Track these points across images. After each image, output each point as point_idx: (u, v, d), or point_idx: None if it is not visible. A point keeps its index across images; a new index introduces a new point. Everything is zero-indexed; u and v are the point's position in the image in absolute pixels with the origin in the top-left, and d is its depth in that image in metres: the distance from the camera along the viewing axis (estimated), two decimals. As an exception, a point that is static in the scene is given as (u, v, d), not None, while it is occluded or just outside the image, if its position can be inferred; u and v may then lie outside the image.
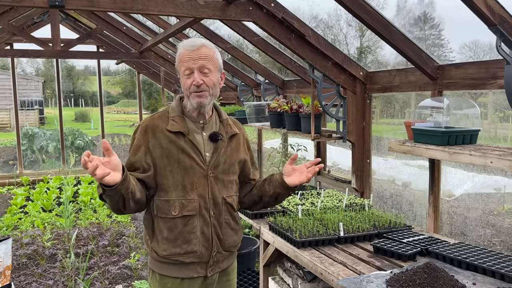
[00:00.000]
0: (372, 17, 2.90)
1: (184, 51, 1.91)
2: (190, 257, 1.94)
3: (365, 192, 3.83)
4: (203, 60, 1.89)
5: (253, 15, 3.39)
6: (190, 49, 1.89)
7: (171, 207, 1.90)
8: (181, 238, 1.92)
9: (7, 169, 11.40)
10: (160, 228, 1.94)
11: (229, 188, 2.04)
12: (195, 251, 1.94)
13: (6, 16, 6.59)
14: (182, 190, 1.91)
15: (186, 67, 1.89)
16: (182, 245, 1.92)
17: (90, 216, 6.51)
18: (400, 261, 2.34)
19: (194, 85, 1.88)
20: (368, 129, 3.78)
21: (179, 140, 1.91)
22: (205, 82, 1.89)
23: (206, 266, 1.99)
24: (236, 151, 2.08)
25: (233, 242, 2.09)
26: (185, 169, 1.91)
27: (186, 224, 1.91)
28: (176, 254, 1.93)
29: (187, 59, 1.89)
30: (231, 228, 2.06)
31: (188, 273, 1.97)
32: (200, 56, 1.89)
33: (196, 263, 1.97)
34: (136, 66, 10.02)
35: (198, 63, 1.88)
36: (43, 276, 4.42)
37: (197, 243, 1.94)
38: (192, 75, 1.89)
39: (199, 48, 1.89)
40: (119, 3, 3.05)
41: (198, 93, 1.89)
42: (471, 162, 2.41)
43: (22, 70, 30.07)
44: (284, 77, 5.61)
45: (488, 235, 4.62)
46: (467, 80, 2.83)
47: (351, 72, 3.68)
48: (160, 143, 1.91)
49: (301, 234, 2.66)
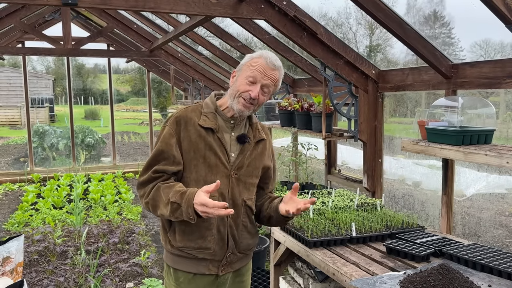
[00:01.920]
0: (386, 14, 2.87)
1: (264, 61, 1.92)
2: (203, 253, 1.95)
3: (376, 191, 3.80)
4: (271, 81, 1.94)
5: (264, 13, 3.37)
6: (269, 65, 1.93)
7: None
8: (197, 233, 1.93)
9: (18, 166, 11.52)
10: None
11: (250, 191, 2.05)
12: (209, 248, 1.94)
13: (18, 14, 6.64)
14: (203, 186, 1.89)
15: (254, 75, 1.91)
16: (197, 240, 1.93)
17: (100, 214, 6.55)
18: (413, 262, 2.31)
19: (249, 94, 1.90)
20: (380, 128, 3.75)
21: (208, 136, 1.93)
22: (259, 99, 1.93)
23: (218, 265, 2.00)
24: (261, 156, 2.08)
25: (248, 245, 2.09)
26: (209, 165, 1.92)
27: (203, 220, 1.90)
28: (190, 247, 1.94)
29: (260, 69, 1.91)
30: (247, 231, 2.06)
31: (200, 269, 1.98)
32: (271, 77, 1.93)
33: (209, 260, 1.98)
34: (146, 64, 10.06)
35: (266, 81, 1.92)
36: (54, 272, 4.46)
37: (212, 240, 1.94)
38: (254, 86, 1.91)
39: (275, 70, 1.95)
40: (131, 1, 3.05)
41: (247, 103, 1.92)
42: (486, 162, 2.37)
43: (32, 68, 30.35)
44: (294, 76, 5.59)
45: (502, 236, 4.57)
46: (482, 79, 2.79)
47: (363, 71, 3.65)
48: (190, 136, 1.93)
49: (312, 233, 2.65)
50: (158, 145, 1.94)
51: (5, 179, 9.12)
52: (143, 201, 1.94)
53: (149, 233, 5.75)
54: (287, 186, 4.22)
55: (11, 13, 6.45)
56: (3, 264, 3.07)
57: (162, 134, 1.95)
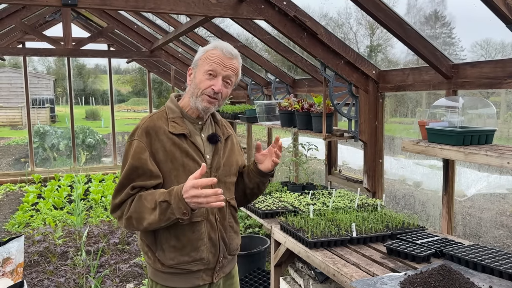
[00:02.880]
0: (386, 14, 2.87)
1: (220, 52, 1.85)
2: (197, 264, 1.87)
3: (377, 192, 3.80)
4: (231, 71, 1.87)
5: (265, 13, 3.37)
6: (227, 55, 1.85)
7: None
8: (189, 246, 1.85)
9: (18, 166, 11.53)
10: (166, 236, 1.84)
11: (230, 191, 2.01)
12: (203, 258, 1.87)
13: (18, 14, 6.64)
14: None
15: (213, 68, 1.83)
16: (191, 253, 1.85)
17: (101, 214, 6.55)
18: (414, 262, 2.31)
19: (212, 89, 1.83)
20: (380, 128, 3.75)
21: (182, 142, 1.84)
22: (222, 92, 1.86)
23: (212, 273, 1.93)
24: (232, 152, 2.04)
25: (236, 245, 2.05)
26: (190, 172, 1.75)
27: (193, 231, 1.85)
28: (184, 262, 1.85)
29: (218, 61, 1.84)
30: (234, 231, 2.02)
31: (194, 282, 1.90)
32: (231, 67, 1.86)
33: (202, 270, 1.91)
34: (146, 64, 10.06)
35: (226, 72, 1.85)
36: (54, 273, 4.45)
37: (205, 249, 1.88)
38: (215, 79, 1.84)
39: (233, 59, 1.87)
40: (131, 2, 3.05)
41: (212, 99, 1.85)
42: (487, 163, 2.37)
43: (33, 69, 30.40)
44: (294, 76, 5.59)
45: (503, 236, 4.56)
46: (483, 79, 2.79)
47: (363, 71, 3.65)
48: (164, 146, 1.82)
49: (313, 234, 2.64)
50: (129, 162, 1.79)
51: (5, 180, 9.12)
52: (123, 219, 1.79)
53: (150, 233, 5.75)
54: (287, 187, 4.22)
55: (12, 14, 6.46)
56: (3, 265, 3.07)
57: (132, 149, 1.80)
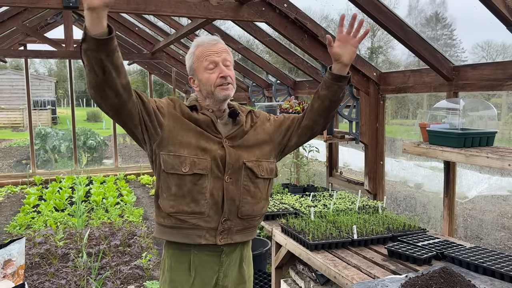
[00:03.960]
0: (387, 17, 2.87)
1: (204, 47, 1.90)
2: (197, 218, 1.86)
3: (378, 194, 3.80)
4: (225, 53, 1.90)
5: (265, 15, 3.37)
6: (211, 43, 1.90)
7: (182, 163, 1.84)
8: (189, 197, 1.86)
9: (20, 168, 11.54)
10: (168, 184, 1.87)
11: (250, 153, 1.96)
12: (203, 212, 1.86)
13: (20, 17, 6.66)
14: (195, 149, 1.86)
15: (210, 61, 1.88)
16: (190, 204, 1.85)
17: (102, 216, 6.55)
18: (415, 265, 2.31)
19: (221, 76, 1.87)
20: (381, 130, 3.75)
21: (193, 114, 1.91)
22: (230, 75, 1.90)
23: (215, 234, 1.90)
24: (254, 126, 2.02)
25: (252, 211, 1.96)
26: (201, 133, 1.88)
27: (195, 183, 1.85)
28: (183, 212, 1.86)
29: (209, 53, 1.88)
30: (250, 196, 1.95)
31: (196, 239, 1.89)
32: (221, 50, 1.90)
33: (205, 229, 1.88)
34: (147, 66, 10.08)
35: (221, 56, 1.89)
36: (55, 275, 4.46)
37: (205, 204, 1.86)
38: (217, 68, 1.88)
39: (217, 43, 1.92)
40: (132, 4, 3.06)
41: (226, 86, 1.89)
42: (488, 165, 2.37)
43: (35, 70, 30.44)
44: (295, 78, 5.59)
45: (504, 238, 4.55)
46: (484, 81, 2.79)
47: (364, 73, 3.65)
48: (177, 111, 1.91)
49: (314, 236, 2.64)
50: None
51: (7, 181, 9.13)
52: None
53: (151, 235, 5.75)
54: (288, 189, 4.22)
55: (13, 16, 6.48)
56: (4, 267, 3.08)
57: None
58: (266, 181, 2.02)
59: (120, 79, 1.60)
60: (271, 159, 2.03)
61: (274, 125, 2.08)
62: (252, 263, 2.18)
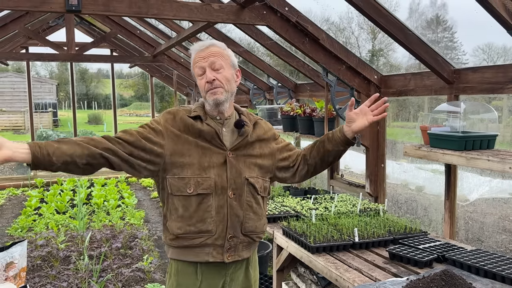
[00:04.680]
0: (388, 20, 2.89)
1: (195, 53, 1.93)
2: (204, 237, 1.89)
3: (379, 197, 3.80)
4: (213, 57, 1.90)
5: (267, 19, 3.39)
6: (200, 49, 1.92)
7: (187, 184, 1.87)
8: (195, 217, 1.88)
9: (21, 171, 11.55)
10: (175, 206, 1.91)
11: (251, 169, 1.97)
12: (210, 231, 1.89)
13: (22, 20, 6.69)
14: (198, 169, 1.88)
15: (199, 67, 1.91)
16: (197, 224, 1.88)
17: (103, 218, 6.56)
18: (416, 267, 2.31)
19: (207, 82, 1.88)
20: (382, 133, 3.75)
21: (196, 124, 1.91)
22: (218, 78, 1.89)
23: (222, 251, 1.92)
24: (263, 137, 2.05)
25: (255, 227, 1.98)
26: (203, 149, 1.89)
27: (201, 203, 1.88)
28: (190, 232, 1.89)
29: (198, 59, 1.91)
30: (253, 212, 1.97)
31: (204, 257, 1.91)
32: (210, 54, 1.90)
33: (212, 246, 1.91)
34: (149, 69, 10.10)
35: (208, 61, 1.89)
36: (57, 278, 4.46)
37: (211, 222, 1.89)
38: (204, 74, 1.90)
39: (208, 47, 1.92)
40: (134, 8, 3.07)
41: (213, 90, 1.89)
42: (489, 168, 2.37)
43: (36, 73, 30.52)
44: (296, 81, 5.61)
45: (505, 241, 4.55)
46: (484, 84, 2.79)
47: (365, 76, 3.66)
48: (178, 126, 1.91)
49: (315, 239, 2.65)
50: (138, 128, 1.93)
51: (8, 184, 9.15)
52: None
53: (152, 238, 5.75)
54: (290, 191, 4.22)
55: (16, 19, 6.51)
56: (6, 269, 3.09)
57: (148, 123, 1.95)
58: (263, 198, 2.05)
59: (78, 168, 1.79)
60: (266, 178, 2.05)
61: (278, 147, 2.10)
62: (257, 267, 2.20)
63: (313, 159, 2.09)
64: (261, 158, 2.02)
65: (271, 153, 2.06)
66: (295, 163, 2.11)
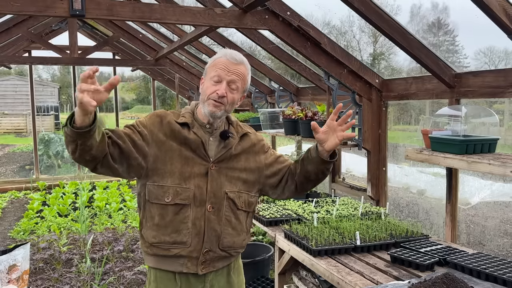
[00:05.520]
0: (389, 25, 2.90)
1: (224, 59, 1.89)
2: (178, 248, 1.86)
3: (381, 200, 3.81)
4: (236, 76, 1.87)
5: (269, 23, 3.41)
6: (231, 60, 1.88)
7: (165, 193, 1.84)
8: (171, 227, 1.85)
9: (23, 174, 11.58)
10: (152, 214, 1.88)
11: (232, 184, 1.92)
12: (185, 242, 1.85)
13: (25, 24, 6.74)
14: (178, 178, 1.85)
15: (218, 74, 1.87)
16: (172, 234, 1.85)
17: (105, 221, 6.58)
18: (418, 271, 2.32)
19: (217, 93, 1.85)
20: (384, 136, 3.77)
21: (183, 131, 1.88)
22: (228, 96, 1.86)
23: (196, 263, 1.89)
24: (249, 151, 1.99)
25: (232, 242, 1.93)
26: (186, 158, 1.85)
27: (177, 213, 1.85)
28: (165, 242, 1.86)
29: (222, 67, 1.87)
30: (231, 227, 1.92)
31: (177, 267, 1.89)
32: (235, 72, 1.87)
33: (186, 257, 1.88)
34: (151, 72, 10.14)
35: (231, 77, 1.86)
36: (59, 280, 4.48)
37: (187, 234, 1.85)
38: (219, 84, 1.86)
39: (238, 64, 1.89)
40: (137, 13, 3.10)
41: (216, 103, 1.86)
42: (490, 172, 2.38)
43: (38, 76, 30.56)
44: (298, 84, 5.63)
45: (507, 245, 4.55)
46: (485, 88, 2.81)
47: (366, 80, 3.68)
48: (165, 131, 1.87)
49: (317, 242, 2.66)
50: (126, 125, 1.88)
51: (10, 187, 9.17)
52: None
53: (154, 241, 5.77)
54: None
55: (19, 23, 6.56)
56: (9, 272, 3.10)
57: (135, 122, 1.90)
58: (246, 213, 1.99)
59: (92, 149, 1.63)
60: (252, 193, 1.99)
61: (268, 160, 2.04)
62: (242, 272, 2.14)
63: (298, 176, 2.00)
64: (246, 172, 1.97)
65: (258, 168, 2.00)
66: (282, 178, 2.04)
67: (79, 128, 1.53)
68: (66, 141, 1.62)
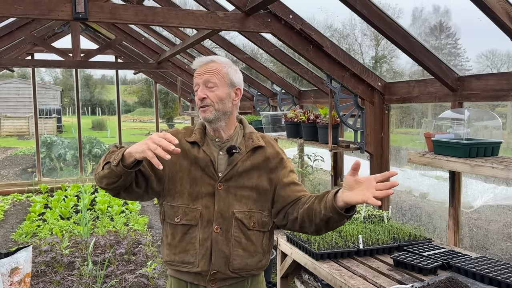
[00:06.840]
0: (392, 28, 2.91)
1: (195, 68, 1.90)
2: (187, 267, 1.87)
3: (383, 203, 3.80)
4: (208, 75, 1.84)
5: (271, 26, 3.41)
6: (200, 64, 1.88)
7: (176, 213, 1.87)
8: (180, 247, 1.87)
9: (26, 176, 11.60)
10: (166, 233, 1.93)
11: (242, 203, 1.85)
12: (192, 263, 1.85)
13: (28, 27, 6.76)
14: (187, 198, 1.86)
15: (195, 83, 1.88)
16: (180, 254, 1.87)
17: (107, 224, 6.57)
18: (420, 274, 2.31)
19: (198, 99, 1.85)
20: (386, 140, 3.76)
21: (193, 150, 1.88)
22: (209, 96, 1.83)
23: (205, 280, 1.87)
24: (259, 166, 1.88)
25: (244, 265, 1.85)
26: (194, 178, 1.85)
27: (186, 233, 1.86)
28: (175, 261, 1.89)
29: (196, 75, 1.88)
30: (242, 248, 1.84)
31: (189, 278, 1.90)
32: (206, 71, 1.85)
33: (193, 274, 1.88)
34: (153, 75, 10.16)
35: (203, 78, 1.85)
36: (61, 283, 4.47)
37: (194, 254, 1.84)
38: (199, 90, 1.86)
39: (207, 63, 1.87)
40: (140, 16, 3.11)
41: (203, 108, 1.84)
42: (493, 175, 2.38)
43: (40, 79, 30.71)
44: (300, 87, 5.63)
45: (510, 248, 4.53)
46: (488, 92, 2.80)
47: (369, 83, 3.68)
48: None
49: (319, 246, 2.65)
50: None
51: (13, 190, 9.18)
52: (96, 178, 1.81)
53: (156, 244, 5.76)
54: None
55: (22, 26, 6.58)
56: (11, 275, 3.11)
57: None
58: (261, 233, 1.88)
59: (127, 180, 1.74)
60: (266, 212, 1.89)
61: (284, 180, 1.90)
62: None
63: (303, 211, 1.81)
64: (257, 190, 1.86)
65: (272, 186, 1.88)
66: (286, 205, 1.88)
67: (126, 167, 1.65)
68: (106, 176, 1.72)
